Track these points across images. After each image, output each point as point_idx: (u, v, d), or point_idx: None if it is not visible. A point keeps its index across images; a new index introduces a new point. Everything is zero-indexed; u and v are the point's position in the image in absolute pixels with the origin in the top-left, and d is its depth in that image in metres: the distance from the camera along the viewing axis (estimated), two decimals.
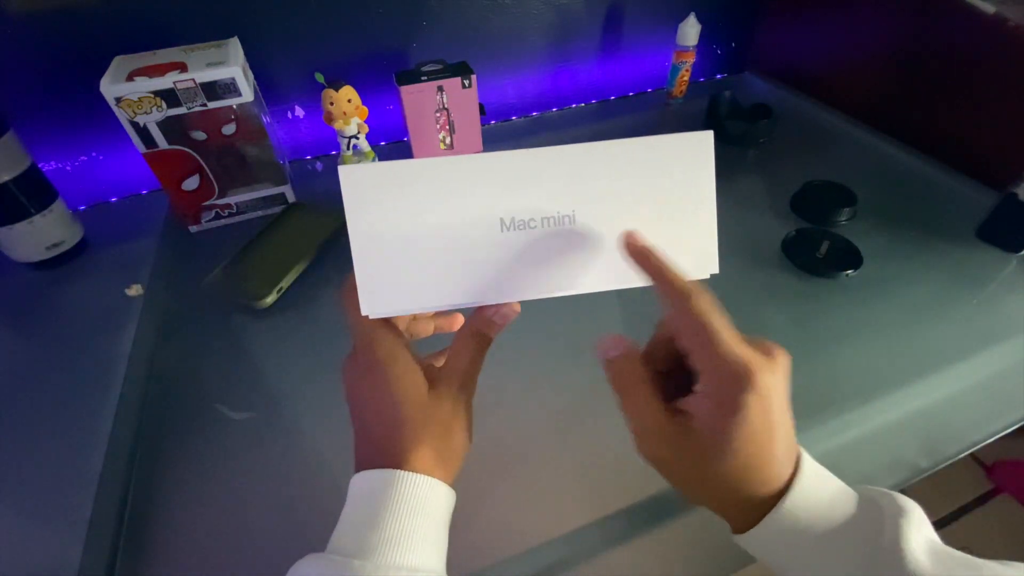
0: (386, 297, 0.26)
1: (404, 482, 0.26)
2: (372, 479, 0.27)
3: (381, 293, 0.26)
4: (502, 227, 0.26)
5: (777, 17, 0.89)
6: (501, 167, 0.26)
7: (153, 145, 0.54)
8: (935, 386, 0.43)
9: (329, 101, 0.64)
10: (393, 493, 0.26)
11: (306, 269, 0.55)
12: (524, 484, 0.37)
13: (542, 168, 0.26)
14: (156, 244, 0.60)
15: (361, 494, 0.27)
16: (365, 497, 0.27)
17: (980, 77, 0.63)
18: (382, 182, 0.25)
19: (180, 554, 0.35)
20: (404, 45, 0.74)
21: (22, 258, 0.55)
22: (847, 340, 0.47)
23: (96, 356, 0.47)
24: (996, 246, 0.56)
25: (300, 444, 0.40)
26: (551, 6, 0.78)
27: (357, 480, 0.28)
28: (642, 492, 0.36)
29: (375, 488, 0.26)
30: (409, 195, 0.25)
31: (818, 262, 0.53)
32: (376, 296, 0.26)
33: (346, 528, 0.26)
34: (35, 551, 0.34)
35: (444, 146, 0.73)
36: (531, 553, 0.34)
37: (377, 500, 0.26)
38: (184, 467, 0.40)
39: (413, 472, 0.26)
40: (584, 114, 0.87)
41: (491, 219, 0.26)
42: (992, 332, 0.47)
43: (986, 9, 0.60)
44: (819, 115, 0.81)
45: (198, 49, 0.56)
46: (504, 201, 0.26)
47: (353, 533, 0.26)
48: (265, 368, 0.46)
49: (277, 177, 0.63)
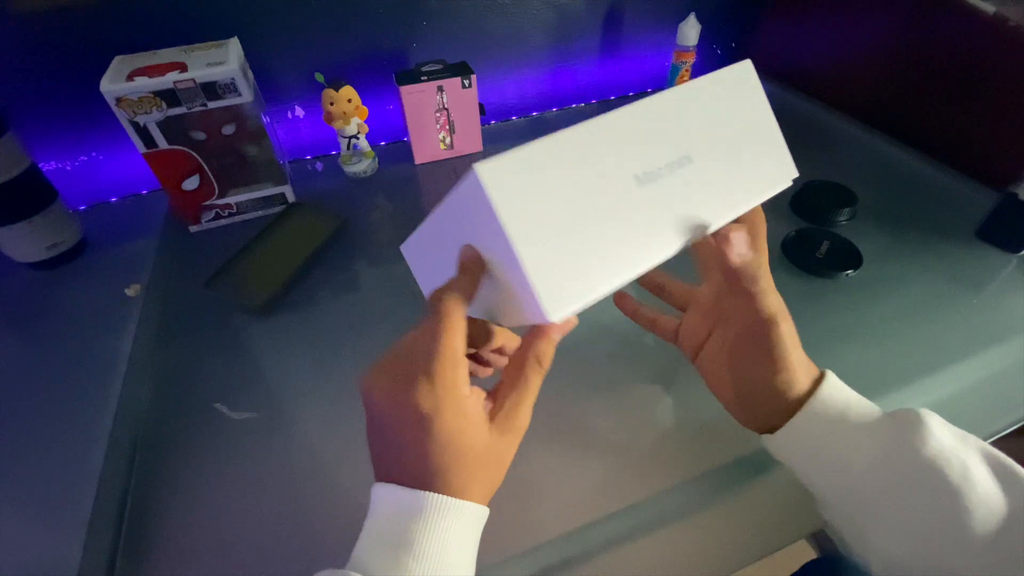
0: (565, 294, 0.23)
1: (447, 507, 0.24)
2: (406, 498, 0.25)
3: (560, 292, 0.23)
4: (638, 183, 0.25)
5: (777, 17, 0.89)
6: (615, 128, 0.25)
7: (153, 145, 0.54)
8: (935, 386, 0.43)
9: (329, 101, 0.64)
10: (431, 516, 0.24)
11: (306, 269, 0.55)
12: (524, 484, 0.37)
13: (642, 122, 0.26)
14: (156, 244, 0.60)
15: (392, 511, 0.25)
16: (395, 515, 0.25)
17: (980, 77, 0.63)
18: (523, 173, 0.23)
19: (180, 554, 0.35)
20: (404, 45, 0.74)
21: (22, 258, 0.55)
22: (847, 340, 0.47)
23: (96, 356, 0.47)
24: (996, 246, 0.56)
25: (300, 444, 0.40)
26: (551, 6, 0.78)
27: (383, 493, 0.25)
28: (642, 492, 0.36)
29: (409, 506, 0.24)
30: (550, 179, 0.23)
31: (818, 262, 0.53)
32: (556, 296, 0.23)
33: (374, 545, 0.25)
34: (35, 551, 0.34)
35: (444, 146, 0.73)
36: (531, 553, 0.34)
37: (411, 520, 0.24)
38: (184, 467, 0.40)
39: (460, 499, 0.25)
40: (584, 114, 0.86)
41: (626, 179, 0.25)
42: (992, 332, 0.47)
43: (986, 9, 0.60)
44: (819, 115, 0.81)
45: (198, 49, 0.56)
46: (629, 159, 0.25)
47: (381, 552, 0.24)
48: (265, 368, 0.46)
49: (277, 177, 0.63)
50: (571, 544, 0.34)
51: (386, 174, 0.72)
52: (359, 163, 0.70)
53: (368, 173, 0.71)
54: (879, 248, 0.55)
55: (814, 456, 0.31)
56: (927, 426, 0.28)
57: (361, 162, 0.70)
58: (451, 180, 0.50)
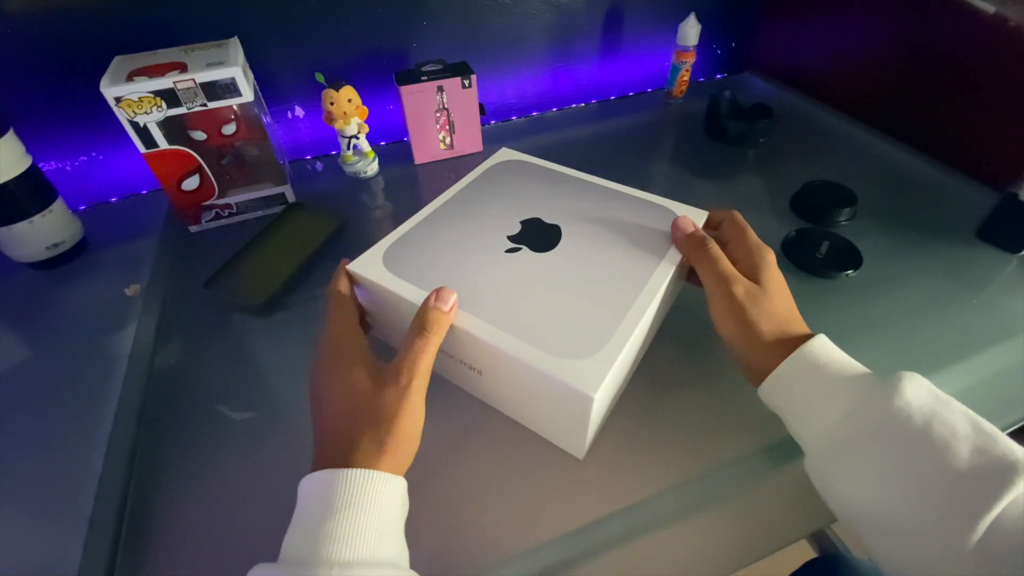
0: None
1: (346, 479, 0.27)
2: (316, 480, 0.28)
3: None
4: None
5: (777, 17, 0.89)
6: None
7: (153, 145, 0.54)
8: (935, 386, 0.43)
9: (329, 101, 0.64)
10: (337, 491, 0.26)
11: (306, 269, 0.55)
12: (524, 484, 0.37)
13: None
14: (156, 244, 0.60)
15: (307, 496, 0.28)
16: (311, 499, 0.27)
17: (980, 77, 0.63)
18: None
19: (180, 554, 0.35)
20: (404, 45, 0.74)
21: (22, 258, 0.55)
22: (847, 340, 0.46)
23: (96, 356, 0.47)
24: (996, 246, 0.56)
25: (300, 444, 0.40)
26: (551, 6, 0.78)
27: (304, 483, 0.28)
28: (642, 492, 0.36)
29: (317, 489, 0.27)
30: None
31: (818, 262, 0.53)
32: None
33: (294, 533, 0.27)
34: (35, 551, 0.34)
35: (444, 146, 0.73)
36: (532, 553, 0.34)
37: (322, 500, 0.26)
38: (184, 467, 0.40)
39: (355, 468, 0.27)
40: (584, 114, 0.87)
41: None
42: (992, 332, 0.47)
43: (986, 9, 0.60)
44: (819, 115, 0.81)
45: (198, 49, 0.56)
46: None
47: (301, 537, 0.26)
48: (265, 368, 0.46)
49: (277, 177, 0.63)
50: (571, 544, 0.34)
51: (386, 174, 0.72)
52: (359, 163, 0.70)
53: (368, 173, 0.71)
54: (879, 248, 0.55)
55: (795, 404, 0.34)
56: (901, 383, 0.30)
57: (361, 162, 0.70)
58: (451, 180, 0.51)
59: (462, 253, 0.41)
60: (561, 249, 0.41)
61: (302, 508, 0.28)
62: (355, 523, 0.26)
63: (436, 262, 0.40)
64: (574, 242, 0.41)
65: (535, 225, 0.43)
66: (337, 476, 0.27)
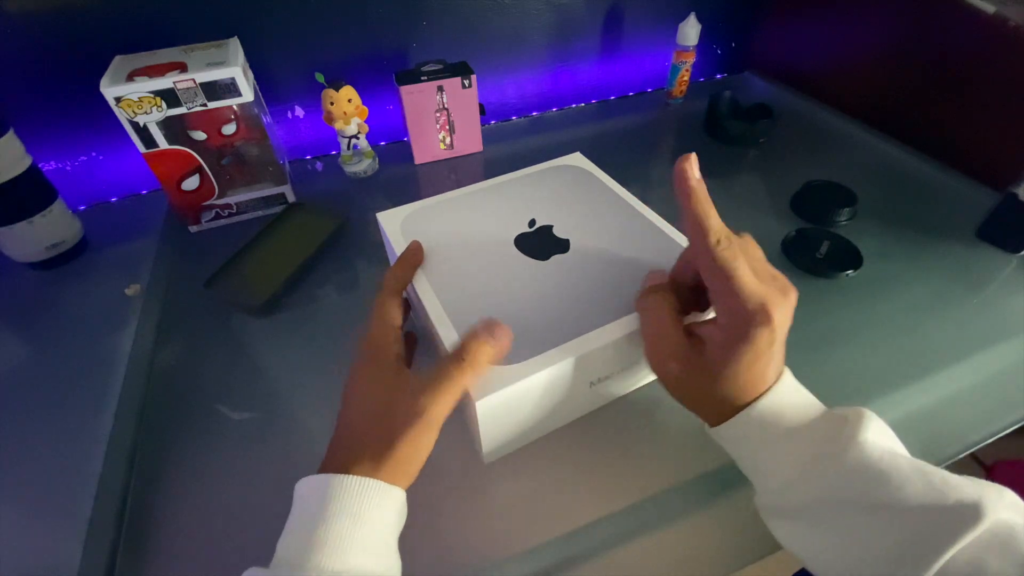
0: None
1: (342, 486, 0.26)
2: (312, 484, 0.27)
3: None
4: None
5: (777, 17, 0.89)
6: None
7: (153, 145, 0.54)
8: (935, 386, 0.43)
9: (329, 101, 0.64)
10: (331, 498, 0.26)
11: (306, 269, 0.55)
12: (524, 484, 0.37)
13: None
14: (156, 244, 0.60)
15: (302, 500, 0.28)
16: (306, 502, 0.27)
17: (980, 77, 0.63)
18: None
19: (180, 554, 0.35)
20: (404, 45, 0.74)
21: (22, 258, 0.55)
22: (847, 340, 0.47)
23: (96, 356, 0.47)
24: (996, 246, 0.56)
25: (300, 444, 0.40)
26: (551, 6, 0.78)
27: (300, 485, 0.28)
28: (642, 492, 0.36)
29: (313, 493, 0.27)
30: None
31: (818, 262, 0.53)
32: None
33: (288, 536, 0.27)
34: (35, 551, 0.34)
35: (444, 146, 0.73)
36: (532, 553, 0.34)
37: (316, 505, 0.26)
38: (184, 467, 0.40)
39: (353, 476, 0.27)
40: (584, 114, 0.87)
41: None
42: (992, 332, 0.47)
43: (986, 9, 0.60)
44: (819, 115, 0.81)
45: (198, 49, 0.56)
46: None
47: (293, 541, 0.26)
48: (265, 368, 0.46)
49: (277, 177, 0.63)
50: (571, 544, 0.34)
51: (386, 174, 0.72)
52: (359, 163, 0.70)
53: (368, 173, 0.71)
54: (879, 248, 0.55)
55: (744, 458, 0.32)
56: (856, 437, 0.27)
57: (361, 162, 0.70)
58: (451, 180, 0.51)
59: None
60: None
61: (297, 511, 0.27)
62: (347, 532, 0.25)
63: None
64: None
65: (543, 233, 0.43)
66: (333, 482, 0.26)
